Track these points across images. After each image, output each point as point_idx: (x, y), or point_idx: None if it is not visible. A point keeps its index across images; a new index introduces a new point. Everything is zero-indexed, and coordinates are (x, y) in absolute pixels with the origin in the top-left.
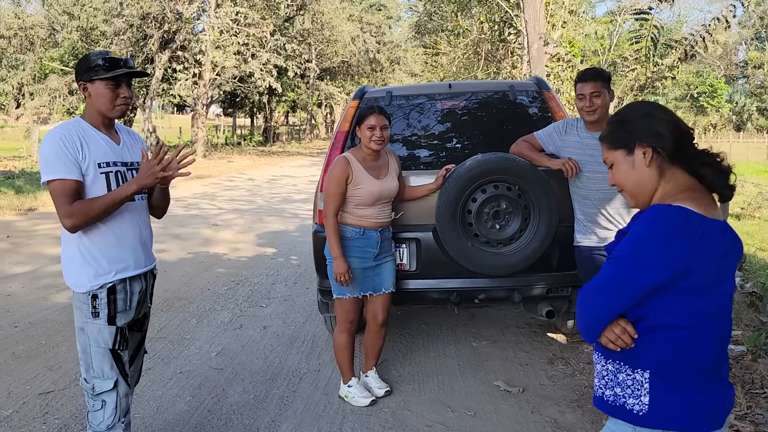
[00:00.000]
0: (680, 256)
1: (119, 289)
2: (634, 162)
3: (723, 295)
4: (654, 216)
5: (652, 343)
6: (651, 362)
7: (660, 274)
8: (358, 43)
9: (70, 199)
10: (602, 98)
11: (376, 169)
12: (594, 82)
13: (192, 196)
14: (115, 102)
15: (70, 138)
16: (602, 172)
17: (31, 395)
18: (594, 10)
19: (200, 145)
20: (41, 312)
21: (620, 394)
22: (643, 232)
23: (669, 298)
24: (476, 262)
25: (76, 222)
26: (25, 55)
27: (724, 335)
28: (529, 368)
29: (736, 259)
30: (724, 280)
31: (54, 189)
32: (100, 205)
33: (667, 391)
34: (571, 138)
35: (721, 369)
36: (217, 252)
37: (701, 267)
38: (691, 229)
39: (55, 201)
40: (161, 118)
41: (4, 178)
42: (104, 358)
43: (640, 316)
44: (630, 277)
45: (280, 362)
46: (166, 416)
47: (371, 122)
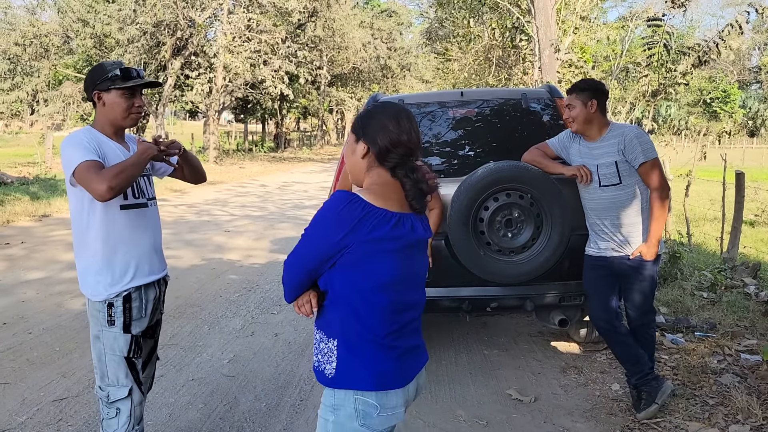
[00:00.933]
0: (336, 234)
1: (134, 297)
2: (356, 150)
3: (389, 271)
4: (329, 199)
5: (335, 313)
6: (336, 331)
7: (322, 248)
8: (369, 49)
9: (98, 170)
10: (576, 110)
11: None
12: (569, 95)
13: (204, 202)
14: (130, 111)
15: (89, 140)
16: (594, 182)
17: (45, 402)
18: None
19: (212, 150)
20: (55, 318)
21: (322, 360)
22: (319, 211)
23: (338, 271)
24: (488, 270)
25: (111, 183)
26: (39, 63)
27: (397, 307)
28: (541, 377)
29: (409, 244)
30: (391, 258)
31: (81, 170)
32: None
33: (347, 357)
34: (574, 147)
35: (393, 337)
36: (228, 258)
37: (357, 246)
38: (352, 212)
39: (84, 180)
40: (173, 125)
41: (19, 184)
42: (119, 366)
43: (325, 289)
44: (305, 249)
45: (291, 370)
46: (179, 424)
47: None
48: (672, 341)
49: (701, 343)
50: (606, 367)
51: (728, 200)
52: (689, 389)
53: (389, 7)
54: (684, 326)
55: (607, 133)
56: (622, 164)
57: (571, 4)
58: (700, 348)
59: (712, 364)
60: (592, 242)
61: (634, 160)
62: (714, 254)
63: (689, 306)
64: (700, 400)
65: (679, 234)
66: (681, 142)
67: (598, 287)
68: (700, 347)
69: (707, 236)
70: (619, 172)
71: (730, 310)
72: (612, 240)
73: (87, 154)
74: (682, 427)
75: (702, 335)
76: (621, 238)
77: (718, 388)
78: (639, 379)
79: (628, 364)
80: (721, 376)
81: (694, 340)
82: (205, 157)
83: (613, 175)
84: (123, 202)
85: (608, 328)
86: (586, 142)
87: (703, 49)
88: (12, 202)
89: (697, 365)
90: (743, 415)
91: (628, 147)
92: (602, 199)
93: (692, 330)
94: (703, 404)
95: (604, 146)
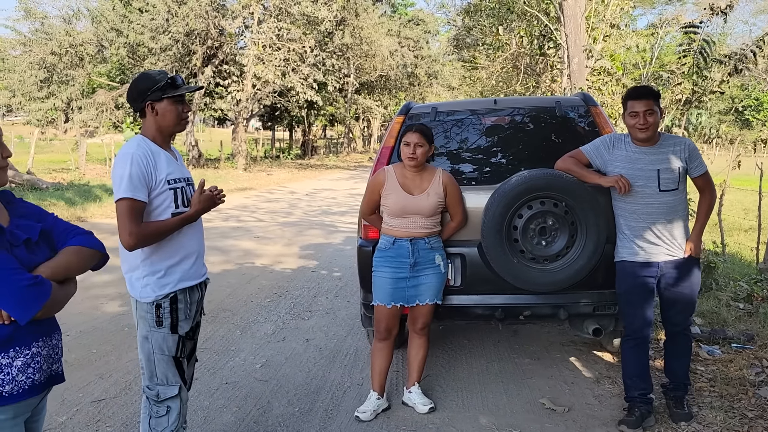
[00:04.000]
0: None
1: (180, 299)
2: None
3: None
4: None
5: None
6: None
7: None
8: (396, 57)
9: (137, 219)
10: (655, 116)
11: (413, 185)
12: (647, 100)
13: (233, 209)
14: (180, 117)
15: (144, 158)
16: (651, 186)
17: (84, 403)
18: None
19: (241, 158)
20: (92, 321)
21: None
22: None
23: None
24: (522, 278)
25: (137, 242)
26: (74, 71)
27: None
28: (575, 387)
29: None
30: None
31: (122, 207)
32: (167, 227)
33: None
34: (619, 152)
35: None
36: (259, 264)
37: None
38: None
39: (120, 218)
40: (202, 132)
41: (54, 189)
42: (168, 365)
43: None
44: None
45: (323, 375)
46: (213, 426)
47: (407, 139)
48: (708, 352)
49: (738, 354)
50: None
51: (764, 209)
52: (727, 401)
53: (416, 16)
54: (720, 338)
55: (662, 140)
56: (682, 171)
57: (601, 11)
58: (738, 360)
59: (750, 376)
60: (634, 248)
61: (694, 169)
62: (749, 265)
63: (725, 317)
64: (739, 413)
65: (714, 244)
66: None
67: (639, 297)
68: (737, 359)
69: (742, 246)
70: (679, 178)
71: (767, 322)
72: (665, 244)
73: (135, 190)
74: None
75: (739, 347)
76: (674, 241)
77: (756, 401)
78: (641, 396)
79: (635, 377)
80: (760, 389)
81: (731, 352)
82: (234, 164)
83: (674, 181)
84: (174, 210)
85: (641, 336)
86: (640, 148)
87: (740, 57)
88: (48, 208)
89: (735, 377)
90: None
91: (692, 155)
92: (659, 204)
93: (729, 342)
94: (742, 417)
95: (664, 152)
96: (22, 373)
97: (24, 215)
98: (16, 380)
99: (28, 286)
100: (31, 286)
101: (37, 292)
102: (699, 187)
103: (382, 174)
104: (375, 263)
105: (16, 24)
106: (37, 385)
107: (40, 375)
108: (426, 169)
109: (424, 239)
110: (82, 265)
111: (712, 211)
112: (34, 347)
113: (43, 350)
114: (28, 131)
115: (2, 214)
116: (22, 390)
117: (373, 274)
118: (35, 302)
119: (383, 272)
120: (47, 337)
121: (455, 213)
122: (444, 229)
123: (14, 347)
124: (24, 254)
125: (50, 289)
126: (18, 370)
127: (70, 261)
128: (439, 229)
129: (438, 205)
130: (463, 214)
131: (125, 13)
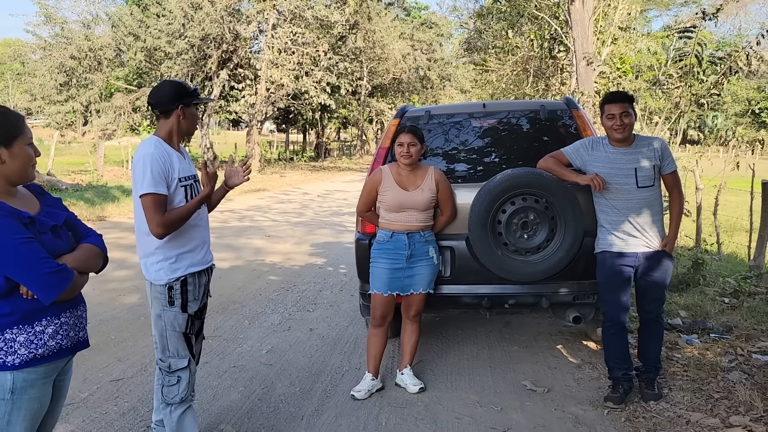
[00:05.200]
0: None
1: (190, 282)
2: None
3: None
4: None
5: None
6: None
7: None
8: (409, 60)
9: (162, 210)
10: (630, 118)
11: (408, 181)
12: (622, 103)
13: (247, 209)
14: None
15: (161, 157)
16: (630, 184)
17: (104, 381)
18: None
19: (255, 160)
20: (110, 311)
21: None
22: None
23: None
24: (505, 269)
25: (166, 230)
26: (93, 75)
27: None
28: (556, 371)
29: None
30: None
31: (147, 202)
32: (187, 210)
33: None
34: (598, 154)
35: None
36: (269, 261)
37: None
38: None
39: (147, 212)
40: (217, 134)
41: (73, 190)
42: (179, 340)
43: None
44: None
45: (324, 360)
46: (222, 403)
47: (401, 140)
48: (687, 341)
49: (715, 344)
50: None
51: (756, 209)
52: (696, 384)
53: (429, 19)
54: (700, 328)
55: (636, 141)
56: (657, 169)
57: (609, 15)
58: (714, 348)
59: (723, 363)
60: (615, 240)
61: (666, 167)
62: (743, 263)
63: (708, 310)
64: (706, 394)
65: (704, 242)
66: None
67: (617, 284)
68: (714, 347)
69: (740, 246)
70: (654, 175)
71: (749, 315)
72: (643, 237)
73: (157, 185)
74: (684, 417)
75: (717, 336)
76: (651, 234)
77: (725, 384)
78: (624, 375)
79: (617, 359)
80: (729, 374)
81: (709, 342)
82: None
83: (651, 178)
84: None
85: (620, 321)
86: (618, 149)
87: (734, 60)
88: (69, 208)
89: (708, 363)
90: (745, 407)
91: (664, 154)
92: (638, 200)
93: (708, 332)
94: (708, 397)
95: (639, 152)
96: (52, 339)
97: (52, 205)
98: (47, 345)
99: (52, 273)
100: (54, 273)
101: (60, 278)
102: (668, 185)
103: (379, 173)
104: (373, 255)
105: (37, 29)
106: (64, 349)
107: (67, 341)
108: (419, 167)
109: (419, 232)
110: (93, 263)
111: (683, 209)
112: (63, 317)
113: (70, 320)
114: (48, 134)
115: (34, 203)
116: (51, 353)
117: (371, 264)
118: (58, 287)
119: (381, 263)
120: (74, 309)
121: (445, 207)
122: (435, 223)
123: (46, 317)
124: (50, 240)
125: (72, 276)
126: (48, 336)
127: (87, 256)
128: (432, 223)
129: (431, 200)
130: (453, 209)
131: (143, 18)
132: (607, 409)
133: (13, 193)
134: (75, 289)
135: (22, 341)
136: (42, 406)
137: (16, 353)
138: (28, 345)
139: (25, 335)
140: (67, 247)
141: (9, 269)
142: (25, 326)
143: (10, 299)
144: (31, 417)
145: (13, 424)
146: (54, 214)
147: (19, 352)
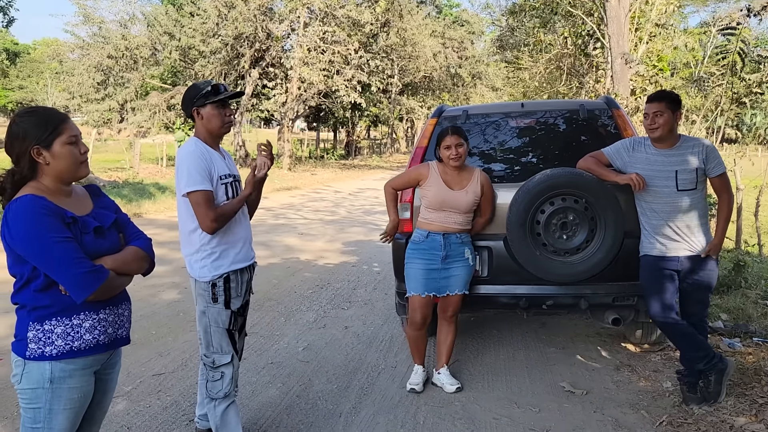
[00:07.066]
0: None
1: (233, 279)
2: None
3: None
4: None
5: None
6: None
7: None
8: (440, 58)
9: (212, 205)
10: (664, 118)
11: (453, 181)
12: (658, 103)
13: (280, 207)
14: (224, 120)
15: (202, 155)
16: (670, 187)
17: (146, 376)
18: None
19: (286, 158)
20: (150, 307)
21: None
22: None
23: None
24: (544, 270)
25: (217, 225)
26: (130, 74)
27: None
28: (595, 373)
29: None
30: None
31: (196, 198)
32: (233, 207)
33: None
34: (639, 155)
35: None
36: (303, 259)
37: None
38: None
39: (198, 208)
40: (249, 132)
41: (110, 187)
42: (222, 336)
43: None
44: None
45: (360, 358)
46: (260, 399)
47: (447, 143)
48: (729, 345)
49: (759, 347)
50: (659, 367)
51: None
52: (740, 388)
53: (460, 17)
54: (743, 332)
55: (680, 142)
56: (700, 172)
57: (646, 12)
58: (756, 353)
59: (767, 367)
60: (657, 244)
61: (712, 170)
62: None
63: (750, 313)
64: (750, 399)
65: (746, 243)
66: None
67: (660, 285)
68: (757, 352)
69: None
70: (697, 178)
71: None
72: (684, 240)
73: (203, 182)
74: (728, 422)
75: (761, 341)
76: (694, 238)
77: None
78: (707, 364)
79: (692, 351)
80: None
81: (752, 345)
82: (279, 164)
83: (692, 181)
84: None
85: (670, 321)
86: (659, 150)
87: None
88: None
89: (751, 368)
90: None
91: (709, 157)
92: (678, 203)
93: (751, 336)
94: (752, 402)
95: (681, 154)
96: (89, 333)
97: (104, 207)
98: (83, 338)
99: (85, 273)
100: (87, 273)
101: (93, 278)
102: (716, 188)
103: (426, 168)
104: (408, 255)
105: (75, 29)
106: (102, 344)
107: (104, 337)
108: (465, 168)
109: (456, 234)
110: (136, 266)
111: (731, 213)
112: (102, 313)
113: (109, 317)
114: (85, 132)
115: (87, 203)
116: (88, 347)
117: (406, 265)
118: (90, 287)
119: (416, 263)
120: (114, 306)
121: (486, 210)
122: (472, 226)
123: (84, 311)
124: (91, 240)
125: (105, 277)
126: (85, 330)
127: (129, 258)
128: (470, 227)
129: (474, 203)
130: (492, 212)
131: (178, 17)
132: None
133: (66, 193)
134: (111, 289)
135: (59, 333)
136: (83, 396)
137: (53, 344)
138: (64, 337)
139: (62, 327)
140: (112, 248)
141: (45, 266)
142: (63, 318)
143: (49, 292)
144: (72, 406)
145: (54, 412)
146: (102, 216)
147: (56, 344)
